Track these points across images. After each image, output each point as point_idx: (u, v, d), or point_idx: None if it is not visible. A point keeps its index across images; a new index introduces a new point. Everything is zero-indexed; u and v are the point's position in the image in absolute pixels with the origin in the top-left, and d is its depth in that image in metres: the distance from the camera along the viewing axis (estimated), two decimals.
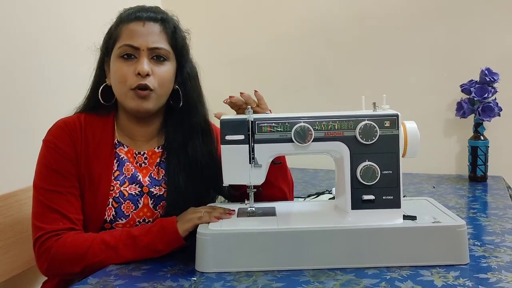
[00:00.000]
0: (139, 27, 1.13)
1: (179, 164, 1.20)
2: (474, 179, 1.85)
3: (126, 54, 1.12)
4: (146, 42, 1.12)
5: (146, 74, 1.11)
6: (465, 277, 0.93)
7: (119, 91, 1.15)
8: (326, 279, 0.95)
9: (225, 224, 1.05)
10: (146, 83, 1.11)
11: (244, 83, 2.24)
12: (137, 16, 1.14)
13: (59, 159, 1.12)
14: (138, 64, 1.12)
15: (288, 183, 1.28)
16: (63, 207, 1.10)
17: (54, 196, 1.10)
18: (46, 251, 1.06)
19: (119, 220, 1.16)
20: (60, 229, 1.08)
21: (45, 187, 1.10)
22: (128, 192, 1.17)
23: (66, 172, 1.12)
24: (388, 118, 1.04)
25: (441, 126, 2.00)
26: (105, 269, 1.02)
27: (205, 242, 0.99)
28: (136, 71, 1.11)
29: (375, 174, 1.04)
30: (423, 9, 1.97)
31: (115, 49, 1.14)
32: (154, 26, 1.14)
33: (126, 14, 1.16)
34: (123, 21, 1.15)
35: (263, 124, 1.05)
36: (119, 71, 1.12)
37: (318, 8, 2.12)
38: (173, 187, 1.19)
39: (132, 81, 1.11)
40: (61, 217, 1.09)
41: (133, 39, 1.12)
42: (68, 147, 1.13)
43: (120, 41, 1.13)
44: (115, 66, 1.14)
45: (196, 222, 1.04)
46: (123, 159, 1.19)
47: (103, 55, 1.20)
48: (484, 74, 1.81)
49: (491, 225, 1.28)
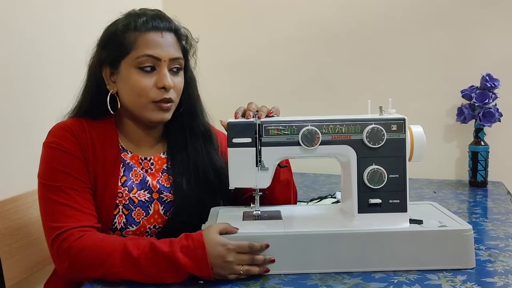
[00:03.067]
0: (158, 38, 1.11)
1: (182, 167, 1.20)
2: (474, 184, 1.85)
3: (148, 66, 1.10)
4: (167, 53, 1.11)
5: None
6: (472, 281, 0.94)
7: (136, 102, 1.12)
8: (333, 282, 0.95)
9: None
10: (170, 96, 1.12)
11: (244, 86, 2.25)
12: (154, 26, 1.11)
13: (68, 159, 1.08)
14: (161, 76, 1.10)
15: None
16: (80, 203, 1.06)
17: (68, 193, 1.05)
18: (66, 252, 0.99)
19: (130, 227, 1.14)
20: (80, 226, 1.02)
21: (57, 184, 1.06)
22: (138, 199, 1.15)
23: (77, 172, 1.08)
24: (395, 122, 1.05)
25: (442, 131, 2.01)
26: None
27: None
28: (161, 85, 1.10)
29: (382, 177, 1.04)
30: (424, 14, 1.98)
31: (129, 59, 1.10)
32: (171, 36, 1.13)
33: (141, 22, 1.11)
34: (138, 29, 1.10)
35: (270, 127, 1.05)
36: (139, 83, 1.10)
37: (320, 12, 2.12)
38: (178, 190, 1.18)
39: (154, 94, 1.10)
40: (79, 213, 1.04)
41: (154, 49, 1.09)
42: (74, 147, 1.10)
43: (136, 51, 1.09)
44: (133, 77, 1.10)
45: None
46: (129, 164, 1.17)
47: (107, 64, 1.14)
48: (484, 79, 1.82)
49: (494, 230, 1.28)
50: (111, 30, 1.14)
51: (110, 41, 1.13)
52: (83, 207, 1.06)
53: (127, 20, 1.13)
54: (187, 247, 0.95)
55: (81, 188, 1.08)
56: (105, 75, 1.15)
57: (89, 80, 1.18)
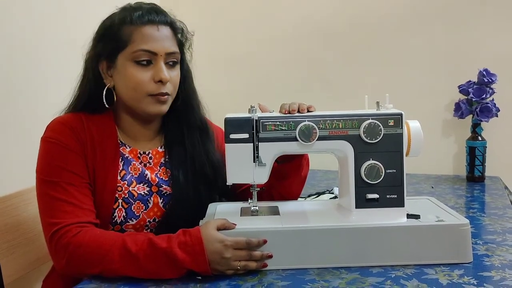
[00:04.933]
0: (154, 31, 1.11)
1: (179, 161, 1.20)
2: (472, 179, 1.86)
3: (144, 59, 1.10)
4: (163, 47, 1.11)
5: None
6: (470, 276, 0.94)
7: (132, 96, 1.12)
8: (331, 277, 0.95)
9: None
10: (167, 90, 1.12)
11: (242, 82, 2.25)
12: (150, 20, 1.11)
13: (66, 154, 1.08)
14: (157, 70, 1.10)
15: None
16: (79, 198, 1.05)
17: (67, 188, 1.05)
18: (63, 248, 0.99)
19: (129, 221, 1.15)
20: (78, 222, 1.02)
21: (55, 180, 1.05)
22: (137, 192, 1.15)
23: (75, 167, 1.08)
24: (392, 117, 1.05)
25: (439, 126, 2.02)
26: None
27: None
28: (157, 78, 1.10)
29: (379, 173, 1.04)
30: (421, 10, 1.98)
31: (126, 53, 1.10)
32: (166, 29, 1.13)
33: (137, 16, 1.11)
34: (134, 23, 1.10)
35: (267, 122, 1.05)
36: (135, 77, 1.10)
37: (317, 8, 2.12)
38: (175, 183, 1.19)
39: (150, 87, 1.11)
40: (78, 209, 1.04)
41: (150, 43, 1.09)
42: (73, 142, 1.09)
43: (133, 45, 1.09)
44: (129, 71, 1.10)
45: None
46: (128, 158, 1.17)
47: (103, 58, 1.14)
48: (482, 75, 1.82)
49: (491, 224, 1.29)
50: (107, 24, 1.14)
51: (106, 35, 1.13)
52: (82, 203, 1.05)
53: (123, 14, 1.13)
54: (185, 242, 0.95)
55: (80, 184, 1.07)
56: (101, 69, 1.15)
57: (86, 74, 1.17)
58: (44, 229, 1.05)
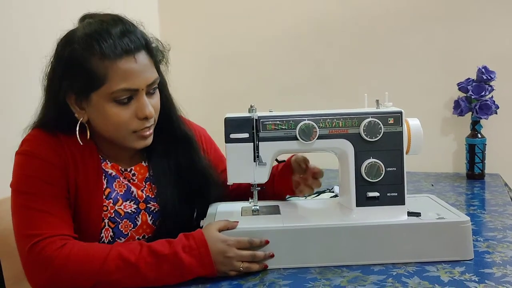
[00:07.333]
0: (131, 65, 0.98)
1: (163, 175, 1.14)
2: (471, 177, 1.86)
3: (125, 97, 0.99)
4: (145, 79, 1.00)
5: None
6: (471, 272, 0.94)
7: (114, 134, 1.03)
8: (333, 276, 0.95)
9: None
10: (151, 122, 1.05)
11: (241, 81, 2.24)
12: (124, 50, 0.97)
13: (43, 166, 1.00)
14: (140, 107, 1.01)
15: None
16: (59, 210, 0.99)
17: (46, 199, 0.98)
18: (46, 261, 0.91)
19: (118, 240, 1.09)
20: (61, 234, 0.95)
21: (34, 191, 0.98)
22: (124, 211, 1.09)
23: (53, 179, 1.00)
24: (392, 115, 1.05)
25: (439, 124, 2.02)
26: None
27: None
28: (142, 116, 1.01)
29: (379, 171, 1.04)
30: (420, 8, 1.98)
31: (102, 92, 0.98)
32: (143, 56, 1.01)
33: (108, 47, 0.95)
34: (107, 57, 0.95)
35: (267, 122, 1.05)
36: (116, 117, 1.00)
37: (317, 7, 2.12)
38: (162, 200, 1.13)
39: (134, 125, 1.02)
40: (59, 220, 0.97)
41: (129, 81, 0.98)
42: (52, 154, 1.01)
43: (110, 84, 0.97)
44: (109, 111, 0.99)
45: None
46: (112, 175, 1.10)
47: (71, 93, 1.01)
48: (481, 72, 1.82)
49: (492, 221, 1.29)
50: (72, 55, 0.98)
51: (73, 69, 0.98)
52: (62, 215, 0.99)
53: (89, 42, 0.97)
54: (190, 246, 0.95)
55: (59, 196, 1.01)
56: (70, 101, 1.02)
57: (49, 102, 1.05)
58: (20, 242, 0.96)
